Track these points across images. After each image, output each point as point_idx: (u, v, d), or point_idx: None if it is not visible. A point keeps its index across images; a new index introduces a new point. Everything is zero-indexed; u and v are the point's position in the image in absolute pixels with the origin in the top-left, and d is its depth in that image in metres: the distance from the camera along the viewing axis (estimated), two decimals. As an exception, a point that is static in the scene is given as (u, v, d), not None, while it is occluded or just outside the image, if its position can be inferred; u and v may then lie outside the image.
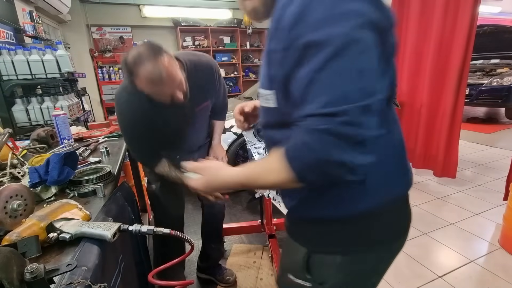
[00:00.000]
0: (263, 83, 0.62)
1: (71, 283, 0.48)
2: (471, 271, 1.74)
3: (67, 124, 1.55)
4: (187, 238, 0.76)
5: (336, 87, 0.46)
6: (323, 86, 0.47)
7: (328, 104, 0.46)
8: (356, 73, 0.47)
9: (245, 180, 0.60)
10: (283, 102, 0.58)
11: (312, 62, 0.47)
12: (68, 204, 0.73)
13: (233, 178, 0.62)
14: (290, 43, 0.49)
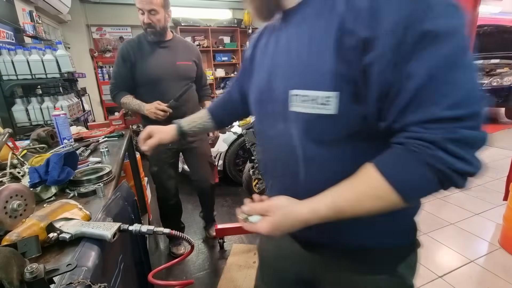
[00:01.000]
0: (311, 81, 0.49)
1: (71, 283, 0.48)
2: (471, 271, 1.74)
3: (67, 124, 1.55)
4: (187, 238, 0.76)
5: (460, 86, 0.40)
6: (444, 86, 0.39)
7: (454, 106, 0.39)
8: (474, 71, 0.42)
9: (330, 213, 0.47)
10: (351, 106, 0.46)
11: (429, 55, 0.39)
12: (68, 204, 0.73)
13: (311, 214, 0.49)
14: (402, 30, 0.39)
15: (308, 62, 0.49)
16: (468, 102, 0.39)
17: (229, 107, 0.90)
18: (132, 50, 1.68)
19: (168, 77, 1.70)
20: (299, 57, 0.51)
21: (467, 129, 0.39)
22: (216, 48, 5.83)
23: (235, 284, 1.71)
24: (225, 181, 2.99)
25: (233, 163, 2.92)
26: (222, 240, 2.07)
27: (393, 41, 0.40)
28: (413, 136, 0.41)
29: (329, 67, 0.46)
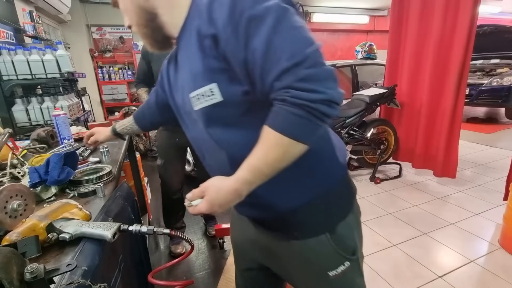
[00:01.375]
0: (196, 83, 0.61)
1: (71, 283, 0.48)
2: (471, 271, 1.74)
3: (67, 124, 1.55)
4: (187, 238, 0.76)
5: (289, 42, 0.51)
6: (278, 47, 0.51)
7: (291, 57, 0.50)
8: (299, 28, 0.53)
9: (251, 175, 0.56)
10: (230, 89, 0.59)
11: (260, 32, 0.51)
12: (68, 204, 0.73)
13: (238, 182, 0.57)
14: (235, 26, 0.52)
15: (191, 69, 0.62)
16: (299, 50, 0.50)
17: (148, 114, 1.03)
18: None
19: None
20: (188, 69, 0.64)
21: (307, 69, 0.49)
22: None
23: (235, 284, 1.71)
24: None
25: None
26: (222, 240, 2.07)
27: (229, 31, 0.53)
28: (275, 90, 0.53)
29: (201, 67, 0.59)
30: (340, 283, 0.72)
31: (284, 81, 0.50)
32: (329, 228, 0.69)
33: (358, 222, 0.76)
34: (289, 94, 0.50)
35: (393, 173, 3.21)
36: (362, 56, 4.39)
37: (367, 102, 2.96)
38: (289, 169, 0.57)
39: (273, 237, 0.74)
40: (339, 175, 0.71)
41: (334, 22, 7.00)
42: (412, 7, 2.85)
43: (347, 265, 0.71)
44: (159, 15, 0.67)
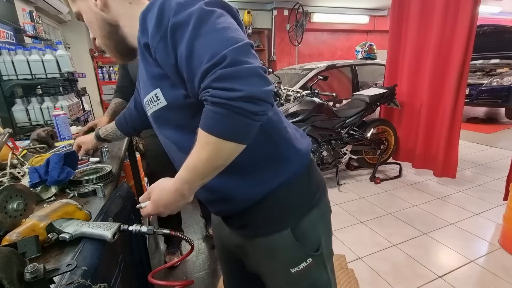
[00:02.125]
0: (145, 89, 0.66)
1: (71, 283, 0.48)
2: (471, 271, 1.74)
3: (67, 124, 1.55)
4: (187, 238, 0.76)
5: (210, 44, 0.52)
6: (200, 50, 0.52)
7: (210, 58, 0.51)
8: (222, 29, 0.53)
9: (189, 174, 0.57)
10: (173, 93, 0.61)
11: (183, 37, 0.53)
12: (68, 204, 0.73)
13: (177, 181, 0.58)
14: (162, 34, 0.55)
15: (141, 77, 0.67)
16: (218, 51, 0.50)
17: (130, 120, 1.05)
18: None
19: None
20: (140, 76, 0.69)
21: (225, 68, 0.49)
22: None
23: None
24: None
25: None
26: (222, 240, 2.07)
27: (157, 38, 0.55)
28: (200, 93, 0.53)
29: (146, 74, 0.63)
30: (303, 280, 0.72)
31: (205, 82, 0.51)
32: (291, 224, 0.69)
33: (325, 217, 0.76)
34: (208, 94, 0.51)
35: (393, 173, 3.21)
36: (362, 56, 4.39)
37: (367, 102, 2.96)
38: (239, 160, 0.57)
39: (241, 235, 0.75)
40: (299, 166, 0.71)
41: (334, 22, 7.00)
42: (412, 7, 2.85)
43: (309, 262, 0.71)
44: (121, 27, 0.71)
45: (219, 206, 0.75)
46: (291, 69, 3.83)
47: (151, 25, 0.55)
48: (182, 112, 0.63)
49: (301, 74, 3.42)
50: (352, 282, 1.68)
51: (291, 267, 0.71)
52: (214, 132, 0.52)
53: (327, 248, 0.75)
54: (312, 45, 7.26)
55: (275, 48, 6.31)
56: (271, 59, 6.45)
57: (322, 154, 2.88)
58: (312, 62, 4.12)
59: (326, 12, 6.67)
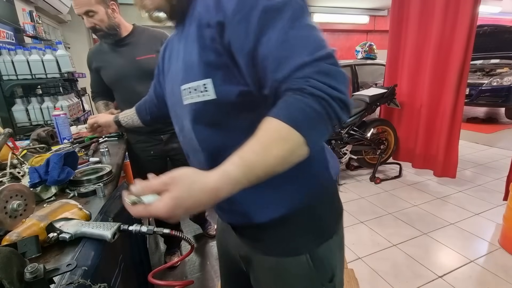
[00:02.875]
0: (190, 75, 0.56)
1: (71, 283, 0.48)
2: (471, 271, 1.74)
3: (67, 124, 1.55)
4: (186, 238, 0.76)
5: (310, 39, 0.48)
6: (298, 40, 0.47)
7: (313, 52, 0.46)
8: (315, 28, 0.50)
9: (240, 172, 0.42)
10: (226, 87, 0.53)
11: (276, 24, 0.47)
12: (68, 204, 0.73)
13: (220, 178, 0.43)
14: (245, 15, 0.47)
15: (186, 60, 0.57)
16: (321, 47, 0.47)
17: (148, 106, 0.98)
18: (94, 56, 1.63)
19: (129, 76, 1.54)
20: (183, 59, 0.59)
21: (329, 64, 0.46)
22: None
23: (235, 284, 1.71)
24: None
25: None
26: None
27: (238, 18, 0.48)
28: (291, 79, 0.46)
29: (197, 58, 0.54)
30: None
31: (304, 71, 0.45)
32: (311, 249, 0.61)
33: (342, 245, 0.69)
34: (308, 83, 0.44)
35: (393, 173, 3.21)
36: (362, 56, 4.39)
37: (367, 102, 2.96)
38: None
39: (252, 247, 0.67)
40: (327, 189, 0.65)
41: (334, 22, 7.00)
42: (412, 7, 2.85)
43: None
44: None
45: (234, 217, 0.66)
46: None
47: (232, 2, 0.48)
48: (226, 109, 0.55)
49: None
50: (352, 282, 1.68)
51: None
52: (301, 128, 0.43)
53: (340, 279, 0.68)
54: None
55: (275, 48, 6.32)
56: (271, 59, 6.46)
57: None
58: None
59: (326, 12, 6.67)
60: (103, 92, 1.70)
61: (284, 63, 0.46)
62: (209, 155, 0.60)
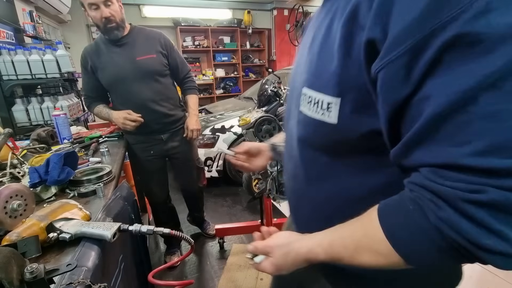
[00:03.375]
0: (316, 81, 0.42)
1: (71, 283, 0.48)
2: (471, 271, 1.74)
3: (67, 124, 1.55)
4: (187, 238, 0.76)
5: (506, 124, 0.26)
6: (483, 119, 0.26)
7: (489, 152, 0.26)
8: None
9: (331, 259, 0.41)
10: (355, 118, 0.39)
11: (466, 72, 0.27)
12: (68, 204, 0.73)
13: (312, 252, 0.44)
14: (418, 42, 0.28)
15: (319, 59, 0.42)
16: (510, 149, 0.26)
17: None
18: (90, 56, 1.54)
19: (129, 77, 1.52)
20: (316, 52, 0.43)
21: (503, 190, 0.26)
22: (216, 48, 5.83)
23: (235, 284, 1.72)
24: (225, 181, 2.99)
25: (233, 163, 2.92)
26: (222, 240, 2.07)
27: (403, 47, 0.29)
28: (421, 183, 0.31)
29: (335, 66, 0.38)
30: None
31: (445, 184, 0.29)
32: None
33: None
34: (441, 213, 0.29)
35: (393, 173, 3.21)
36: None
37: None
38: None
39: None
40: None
41: (334, 22, 7.01)
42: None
43: None
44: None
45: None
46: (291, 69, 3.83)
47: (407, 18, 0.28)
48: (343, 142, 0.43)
49: (301, 74, 3.41)
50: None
51: None
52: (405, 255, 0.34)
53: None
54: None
55: (275, 48, 6.31)
56: (271, 59, 6.45)
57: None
58: (312, 62, 4.12)
59: (326, 12, 6.68)
60: (98, 96, 1.65)
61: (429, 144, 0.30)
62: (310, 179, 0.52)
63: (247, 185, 2.54)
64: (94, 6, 1.36)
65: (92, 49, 1.56)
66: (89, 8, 1.37)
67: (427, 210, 0.31)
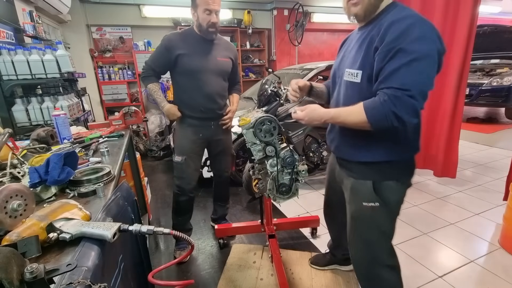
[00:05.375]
0: (353, 65, 1.04)
1: (71, 283, 0.48)
2: (471, 271, 1.74)
3: (67, 124, 1.55)
4: (187, 238, 0.76)
5: (409, 77, 0.87)
6: (401, 75, 0.87)
7: (404, 84, 0.87)
8: (424, 74, 0.88)
9: (334, 115, 1.01)
10: (364, 79, 1.00)
11: (400, 60, 0.87)
12: (68, 204, 0.73)
13: (326, 112, 1.03)
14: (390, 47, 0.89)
15: (355, 55, 1.05)
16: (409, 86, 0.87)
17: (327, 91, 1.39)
18: (177, 41, 1.76)
19: (209, 70, 1.80)
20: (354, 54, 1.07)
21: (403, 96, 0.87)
22: (216, 48, 5.82)
23: (235, 284, 1.71)
24: (225, 181, 2.99)
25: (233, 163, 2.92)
26: (222, 240, 2.07)
27: (385, 49, 0.91)
28: (381, 92, 0.91)
29: (361, 58, 1.02)
30: (367, 212, 1.12)
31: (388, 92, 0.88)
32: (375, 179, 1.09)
33: (400, 190, 1.12)
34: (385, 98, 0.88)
35: (393, 173, 3.20)
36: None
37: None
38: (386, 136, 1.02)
39: (346, 174, 1.20)
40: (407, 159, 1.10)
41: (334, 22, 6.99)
42: (412, 7, 2.84)
43: (376, 205, 1.10)
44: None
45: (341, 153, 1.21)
46: (291, 69, 3.82)
47: (392, 36, 0.89)
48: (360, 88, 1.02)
49: (301, 74, 3.41)
50: (352, 283, 1.68)
51: (364, 201, 1.12)
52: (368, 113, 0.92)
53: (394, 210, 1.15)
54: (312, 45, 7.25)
55: (275, 48, 6.31)
56: (271, 59, 6.45)
57: (322, 154, 2.88)
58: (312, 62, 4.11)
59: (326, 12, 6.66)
60: (159, 72, 1.86)
61: (386, 81, 0.90)
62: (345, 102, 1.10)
63: (247, 185, 2.54)
64: (208, 12, 1.67)
65: (181, 38, 1.79)
66: (204, 11, 1.66)
67: (385, 101, 0.88)
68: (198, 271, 1.85)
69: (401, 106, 0.84)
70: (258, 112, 1.50)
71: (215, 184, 2.24)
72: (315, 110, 1.04)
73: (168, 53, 1.76)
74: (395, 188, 1.09)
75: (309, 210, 2.53)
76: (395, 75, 0.86)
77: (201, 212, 2.58)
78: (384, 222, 1.14)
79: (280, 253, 1.78)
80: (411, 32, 0.85)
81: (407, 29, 0.86)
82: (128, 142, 1.69)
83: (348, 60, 1.08)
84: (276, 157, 1.30)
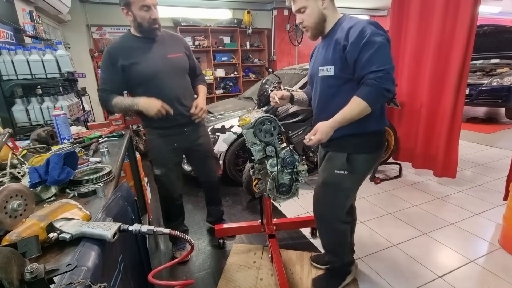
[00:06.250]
0: (326, 63, 1.27)
1: (71, 283, 0.48)
2: (471, 271, 1.74)
3: (67, 124, 1.55)
4: (187, 238, 0.76)
5: (381, 60, 1.13)
6: (375, 60, 1.12)
7: (380, 66, 1.12)
8: (388, 55, 1.15)
9: (340, 118, 1.19)
10: (337, 71, 1.24)
11: (369, 50, 1.12)
12: (68, 204, 0.73)
13: (332, 121, 1.20)
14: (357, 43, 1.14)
15: (325, 56, 1.29)
16: (383, 66, 1.12)
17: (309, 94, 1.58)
18: (119, 54, 1.56)
19: (163, 72, 1.61)
20: (324, 55, 1.31)
21: (384, 74, 1.12)
22: (216, 48, 5.83)
23: (235, 284, 1.71)
24: (225, 181, 2.99)
25: (233, 163, 2.92)
26: (222, 240, 2.07)
27: (354, 45, 1.16)
28: (365, 78, 1.15)
29: (330, 57, 1.26)
30: (337, 178, 1.35)
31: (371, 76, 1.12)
32: (349, 151, 1.32)
33: (369, 162, 1.36)
34: (371, 81, 1.12)
35: (393, 173, 3.21)
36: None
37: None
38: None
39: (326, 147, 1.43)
40: (376, 131, 1.32)
41: (334, 22, 7.01)
42: (412, 7, 2.84)
43: (345, 173, 1.33)
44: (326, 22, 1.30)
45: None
46: (291, 69, 3.83)
47: (353, 37, 1.14)
48: (336, 81, 1.26)
49: (301, 74, 3.41)
50: (351, 283, 1.68)
51: (336, 169, 1.35)
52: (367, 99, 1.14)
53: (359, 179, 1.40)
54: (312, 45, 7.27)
55: (275, 48, 6.31)
56: (271, 59, 6.45)
57: (322, 154, 2.87)
58: (312, 62, 4.13)
59: (326, 12, 6.68)
60: (117, 90, 1.63)
61: (365, 68, 1.14)
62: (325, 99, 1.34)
63: (247, 185, 2.54)
64: (146, 8, 1.49)
65: (120, 47, 1.58)
66: (140, 8, 1.48)
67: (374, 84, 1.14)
68: (198, 271, 1.85)
69: (387, 81, 1.11)
70: (258, 112, 1.50)
71: (205, 189, 2.18)
72: (323, 125, 1.20)
73: (114, 68, 1.56)
74: (365, 160, 1.33)
75: (309, 210, 2.53)
76: (370, 61, 1.12)
77: (201, 212, 2.58)
78: (350, 188, 1.40)
79: (280, 253, 1.78)
80: (367, 30, 1.13)
81: (364, 29, 1.13)
82: (128, 142, 1.69)
83: (320, 61, 1.31)
84: (276, 157, 1.30)
